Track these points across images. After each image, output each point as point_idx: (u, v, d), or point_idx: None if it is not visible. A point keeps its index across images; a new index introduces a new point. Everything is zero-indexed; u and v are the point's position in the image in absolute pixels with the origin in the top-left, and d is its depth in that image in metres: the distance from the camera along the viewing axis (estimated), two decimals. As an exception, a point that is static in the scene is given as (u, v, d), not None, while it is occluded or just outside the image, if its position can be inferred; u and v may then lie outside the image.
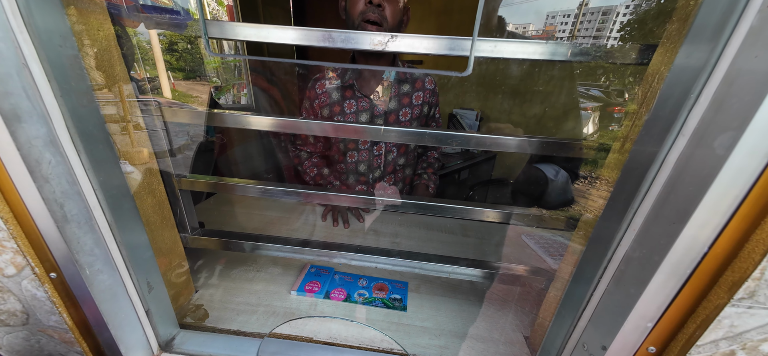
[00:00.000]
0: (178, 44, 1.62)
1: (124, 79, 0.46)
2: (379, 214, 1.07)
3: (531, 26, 2.58)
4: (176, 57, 1.61)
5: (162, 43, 1.40)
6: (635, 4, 1.88)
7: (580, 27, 2.57)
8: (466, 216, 0.60)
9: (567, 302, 0.45)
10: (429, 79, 1.00)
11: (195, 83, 1.62)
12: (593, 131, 1.75)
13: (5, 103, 0.32)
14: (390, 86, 0.96)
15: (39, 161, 0.35)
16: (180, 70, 1.57)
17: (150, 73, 1.16)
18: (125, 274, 0.47)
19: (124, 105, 0.46)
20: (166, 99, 1.21)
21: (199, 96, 1.51)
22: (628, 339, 0.35)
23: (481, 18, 0.32)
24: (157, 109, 0.56)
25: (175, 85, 1.53)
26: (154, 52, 1.27)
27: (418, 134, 0.53)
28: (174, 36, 1.48)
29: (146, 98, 0.54)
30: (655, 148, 0.32)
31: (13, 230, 0.38)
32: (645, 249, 0.32)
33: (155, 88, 1.16)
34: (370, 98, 0.97)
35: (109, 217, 0.43)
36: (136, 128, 0.51)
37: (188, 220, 0.67)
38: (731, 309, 0.30)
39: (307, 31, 0.40)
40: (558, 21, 2.63)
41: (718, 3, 0.28)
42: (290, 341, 0.61)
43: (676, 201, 0.29)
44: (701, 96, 0.28)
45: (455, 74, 0.36)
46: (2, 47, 0.32)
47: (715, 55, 0.27)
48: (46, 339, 0.51)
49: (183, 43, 1.62)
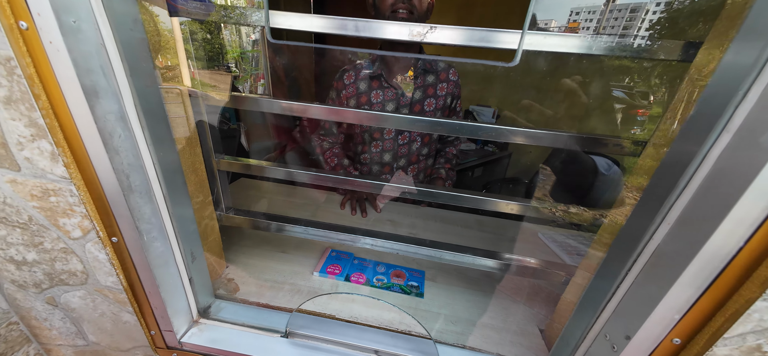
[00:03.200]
0: (214, 34, 1.68)
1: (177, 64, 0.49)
2: (397, 205, 1.09)
3: (553, 22, 2.50)
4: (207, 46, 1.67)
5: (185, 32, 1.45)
6: (667, 1, 1.81)
7: (606, 24, 2.47)
8: (479, 207, 0.61)
9: (590, 294, 0.47)
10: (452, 70, 1.01)
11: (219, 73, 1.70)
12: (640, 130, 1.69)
13: (87, 79, 0.36)
14: (416, 76, 0.97)
15: (111, 134, 0.39)
16: (208, 60, 1.64)
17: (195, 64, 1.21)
18: (175, 244, 0.51)
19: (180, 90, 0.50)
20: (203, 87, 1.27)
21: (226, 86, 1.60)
22: (653, 330, 0.37)
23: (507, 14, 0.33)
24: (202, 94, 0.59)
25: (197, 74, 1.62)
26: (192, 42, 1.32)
27: (444, 124, 0.55)
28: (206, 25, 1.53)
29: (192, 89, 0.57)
30: (695, 146, 0.32)
31: (84, 196, 0.43)
32: (679, 244, 0.33)
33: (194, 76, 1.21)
34: (396, 88, 0.99)
35: (165, 190, 0.47)
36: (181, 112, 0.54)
37: (223, 199, 0.71)
38: (763, 303, 0.31)
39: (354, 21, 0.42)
40: (582, 17, 2.54)
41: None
42: (316, 317, 0.65)
43: (716, 196, 0.30)
44: (750, 92, 0.28)
45: (502, 64, 0.37)
46: (85, 27, 0.35)
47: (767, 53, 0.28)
48: (101, 298, 0.56)
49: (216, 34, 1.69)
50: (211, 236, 0.68)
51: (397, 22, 0.43)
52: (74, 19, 0.34)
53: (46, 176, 0.42)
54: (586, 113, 1.82)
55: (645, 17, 2.57)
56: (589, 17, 2.52)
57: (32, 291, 0.57)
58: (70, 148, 0.39)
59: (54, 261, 0.52)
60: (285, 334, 0.61)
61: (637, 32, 2.64)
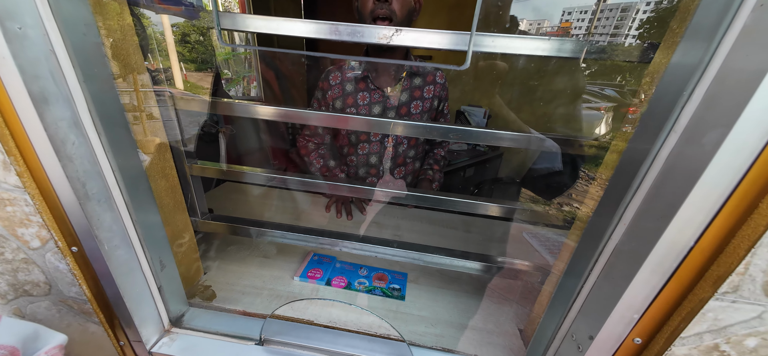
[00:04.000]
0: (190, 35, 1.66)
1: (140, 68, 0.48)
2: (383, 207, 1.09)
3: (546, 23, 2.52)
4: (188, 48, 1.64)
5: (175, 34, 1.43)
6: (656, 0, 1.83)
7: (597, 24, 2.50)
8: (465, 210, 0.61)
9: (559, 294, 0.47)
10: (439, 73, 1.01)
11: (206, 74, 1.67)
12: (606, 131, 1.72)
13: (34, 86, 0.35)
14: (403, 79, 0.97)
15: (64, 141, 0.38)
16: (192, 61, 1.61)
17: (163, 64, 1.19)
18: (140, 252, 0.50)
19: (138, 93, 0.49)
20: (179, 89, 1.25)
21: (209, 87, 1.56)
22: (614, 330, 0.37)
23: (493, 15, 0.33)
24: (170, 99, 0.58)
25: (187, 75, 1.58)
26: (167, 43, 1.30)
27: (428, 128, 0.54)
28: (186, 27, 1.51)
29: (160, 88, 0.56)
30: (648, 145, 0.32)
31: (39, 205, 0.41)
32: (634, 243, 0.33)
33: (168, 78, 1.20)
34: (383, 90, 0.98)
35: (126, 197, 0.46)
36: (149, 117, 0.53)
37: (198, 205, 0.70)
38: (715, 302, 0.31)
39: (315, 24, 0.41)
40: (574, 17, 2.57)
41: (715, 3, 0.28)
42: (292, 323, 0.64)
43: (664, 196, 0.30)
44: (694, 93, 0.29)
45: (454, 68, 0.37)
46: (32, 33, 0.34)
47: (710, 53, 0.28)
48: (66, 309, 0.55)
49: (195, 34, 1.66)
50: (184, 243, 0.67)
51: (362, 25, 0.43)
52: (20, 26, 0.33)
53: (0, 185, 0.41)
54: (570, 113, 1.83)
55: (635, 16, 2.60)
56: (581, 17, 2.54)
57: (-4, 302, 0.55)
58: (22, 157, 0.38)
59: (16, 272, 0.51)
60: (260, 341, 0.60)
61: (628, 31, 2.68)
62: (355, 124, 0.65)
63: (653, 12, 2.01)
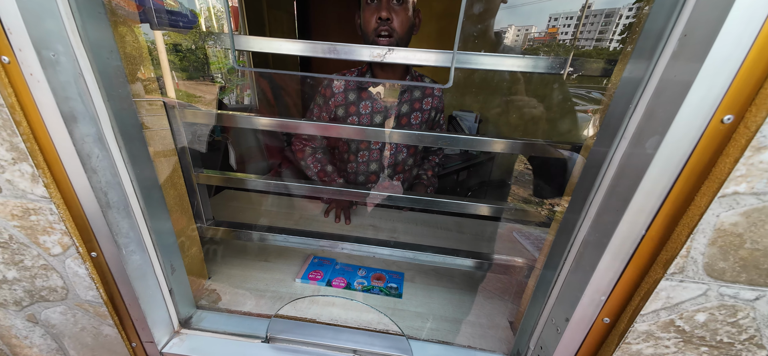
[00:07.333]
0: (197, 51, 1.72)
1: (152, 84, 0.52)
2: (380, 210, 1.13)
3: (533, 28, 2.61)
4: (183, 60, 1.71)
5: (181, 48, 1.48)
6: (637, 6, 1.93)
7: (582, 29, 2.60)
8: (457, 211, 0.66)
9: (540, 285, 0.51)
10: (437, 87, 1.07)
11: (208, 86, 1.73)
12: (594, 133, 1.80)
13: (65, 106, 0.39)
14: (404, 90, 1.03)
15: (89, 155, 0.42)
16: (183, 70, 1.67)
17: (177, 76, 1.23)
18: (154, 256, 0.54)
19: (151, 108, 0.53)
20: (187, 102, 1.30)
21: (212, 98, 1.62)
22: (586, 311, 0.42)
23: (480, 23, 0.38)
24: (180, 111, 0.62)
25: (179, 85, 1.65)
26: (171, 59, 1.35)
27: (425, 136, 0.59)
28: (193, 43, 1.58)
29: (170, 100, 0.60)
30: (606, 148, 0.38)
31: (63, 214, 0.45)
32: (597, 234, 0.38)
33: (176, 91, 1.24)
34: (384, 100, 1.04)
35: (142, 205, 0.50)
36: (161, 130, 0.57)
37: (204, 211, 0.73)
38: (666, 282, 0.36)
39: (315, 44, 0.46)
40: (560, 23, 2.68)
41: (653, 28, 0.34)
42: (296, 321, 0.67)
43: (619, 193, 0.35)
44: (638, 105, 0.34)
45: (439, 86, 0.42)
46: (64, 60, 0.38)
47: (650, 71, 0.34)
48: (81, 313, 0.58)
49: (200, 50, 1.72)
50: (192, 248, 0.70)
51: (359, 45, 0.48)
52: (53, 54, 0.37)
53: (27, 196, 0.44)
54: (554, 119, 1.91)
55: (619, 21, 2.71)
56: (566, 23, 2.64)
57: (12, 309, 0.58)
58: (49, 170, 0.42)
59: (34, 278, 0.54)
60: (266, 339, 0.63)
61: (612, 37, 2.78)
62: (360, 134, 0.69)
63: (635, 17, 2.11)
